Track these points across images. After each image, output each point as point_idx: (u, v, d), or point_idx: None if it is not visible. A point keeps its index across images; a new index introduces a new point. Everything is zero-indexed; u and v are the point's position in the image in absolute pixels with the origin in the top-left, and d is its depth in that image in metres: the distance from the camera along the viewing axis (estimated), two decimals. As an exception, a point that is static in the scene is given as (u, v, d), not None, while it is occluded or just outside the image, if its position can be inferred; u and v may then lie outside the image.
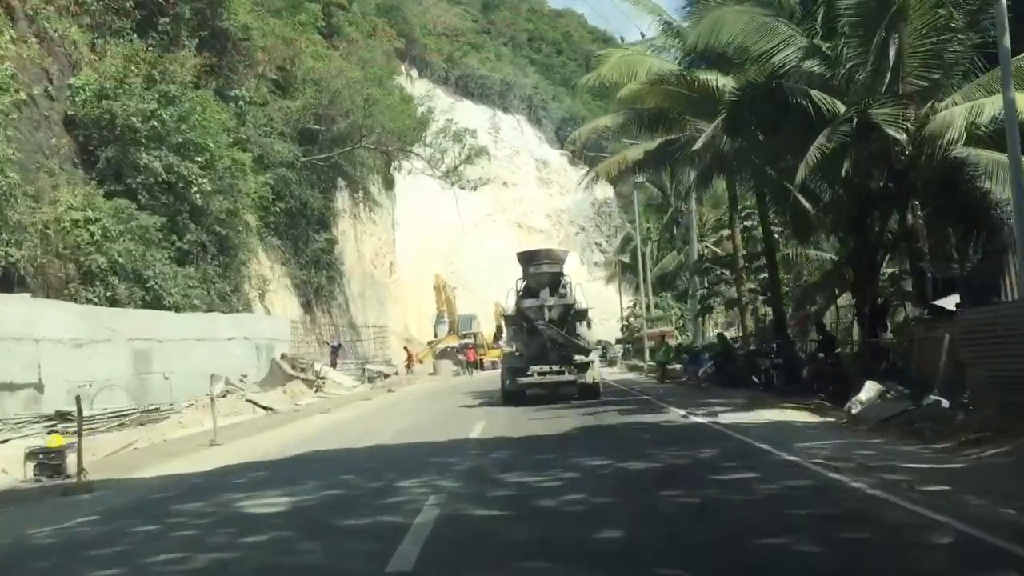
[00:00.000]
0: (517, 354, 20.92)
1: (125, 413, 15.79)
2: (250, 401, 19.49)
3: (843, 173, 13.52)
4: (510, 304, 21.92)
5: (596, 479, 8.48)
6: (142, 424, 15.02)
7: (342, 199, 43.91)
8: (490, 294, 60.75)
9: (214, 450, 12.19)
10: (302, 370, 24.61)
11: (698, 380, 24.36)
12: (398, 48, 59.05)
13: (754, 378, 20.11)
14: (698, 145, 14.25)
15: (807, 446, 9.92)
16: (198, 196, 24.02)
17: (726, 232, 34.90)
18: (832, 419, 12.66)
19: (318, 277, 37.57)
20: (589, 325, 22.19)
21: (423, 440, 12.33)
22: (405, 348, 41.23)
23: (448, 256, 76.24)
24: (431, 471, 9.24)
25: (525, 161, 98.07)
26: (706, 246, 37.69)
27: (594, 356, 20.61)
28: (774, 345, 21.25)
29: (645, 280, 46.56)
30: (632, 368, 39.21)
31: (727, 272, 31.60)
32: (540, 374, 19.38)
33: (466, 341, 45.53)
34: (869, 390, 12.39)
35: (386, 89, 41.01)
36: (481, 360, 45.92)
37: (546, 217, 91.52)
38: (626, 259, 56.17)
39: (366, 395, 24.94)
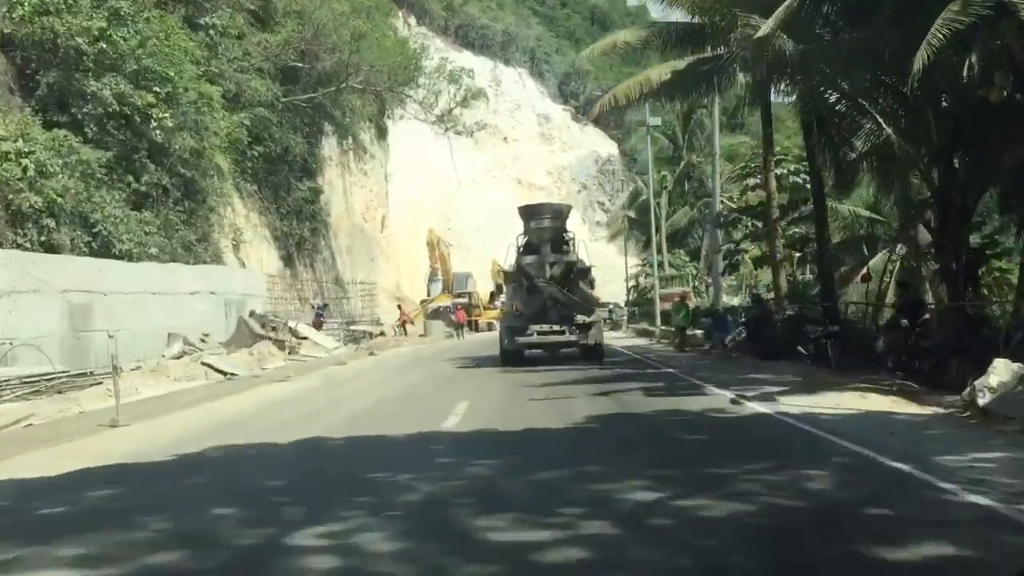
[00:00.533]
0: (517, 313, 19.75)
1: (48, 377, 13.25)
2: (206, 364, 16.98)
3: (964, 72, 10.03)
4: (510, 261, 20.73)
5: (650, 540, 4.70)
6: (60, 392, 12.48)
7: (329, 146, 41.03)
8: (488, 252, 58.13)
9: (109, 435, 9.36)
10: (273, 329, 22.06)
11: (725, 348, 21.57)
12: (393, -12, 55.34)
13: (800, 348, 17.14)
14: (763, 31, 10.69)
15: (957, 462, 6.65)
16: (158, 132, 21.29)
17: (751, 181, 32.13)
18: (940, 409, 9.57)
19: (300, 229, 34.90)
20: (592, 284, 20.88)
21: (378, 432, 9.10)
22: (399, 306, 38.58)
23: (444, 212, 73.43)
24: (359, 507, 5.55)
25: (526, 116, 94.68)
26: (722, 200, 34.80)
27: (597, 316, 19.72)
28: (821, 308, 18.26)
29: (658, 231, 43.40)
30: (642, 333, 36.49)
31: (757, 224, 28.89)
32: (540, 334, 18.69)
33: (459, 301, 42.95)
34: (1002, 372, 8.80)
35: (375, 23, 37.73)
36: (475, 321, 43.45)
37: (547, 174, 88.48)
38: (633, 214, 53.04)
39: (342, 359, 22.37)
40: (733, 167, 39.96)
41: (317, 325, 29.47)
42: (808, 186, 23.11)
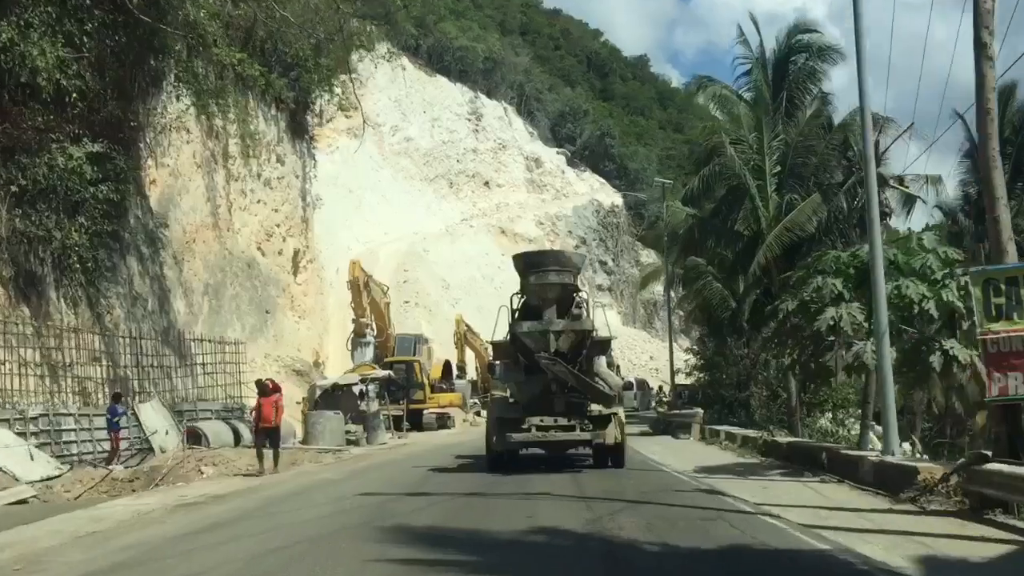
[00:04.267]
0: (511, 399, 15.57)
1: None
2: None
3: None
4: (500, 328, 15.33)
5: None
6: None
7: (176, 110, 24.03)
8: (461, 315, 41.17)
9: None
10: None
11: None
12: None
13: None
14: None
15: None
16: None
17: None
18: None
19: (68, 232, 17.56)
20: (613, 363, 19.02)
21: None
22: (267, 385, 18.66)
23: (406, 261, 56.24)
24: None
25: (512, 158, 78.90)
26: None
27: (618, 406, 15.17)
28: None
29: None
30: (731, 445, 18.94)
31: None
32: (540, 428, 14.14)
33: (376, 375, 24.81)
34: None
35: None
36: (419, 411, 26.00)
37: (537, 224, 72.05)
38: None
39: None
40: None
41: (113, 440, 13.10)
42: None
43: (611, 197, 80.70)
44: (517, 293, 15.61)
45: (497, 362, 16.28)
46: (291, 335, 33.72)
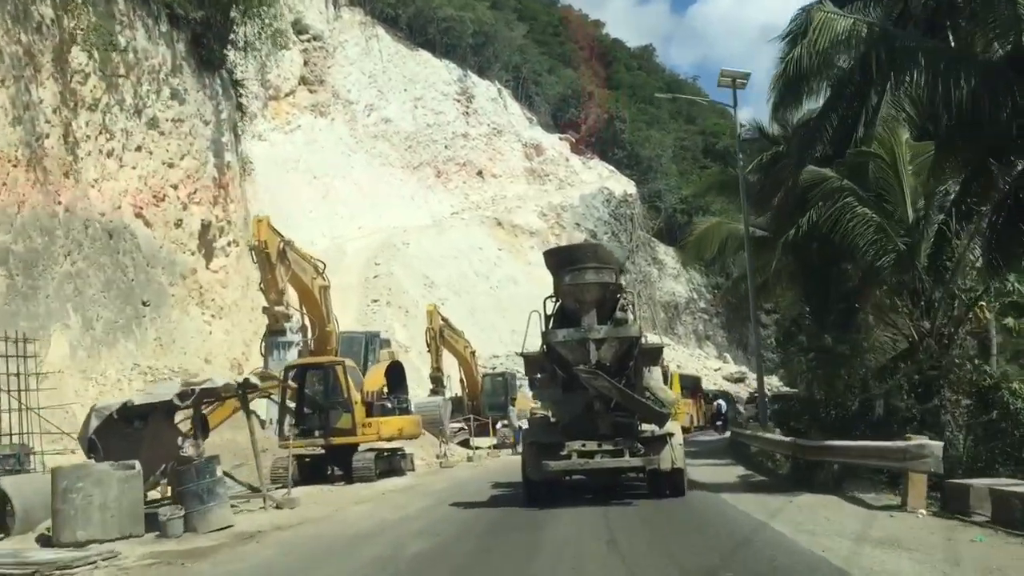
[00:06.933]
0: (552, 419, 14.00)
1: None
2: None
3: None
4: (533, 338, 13.41)
5: None
6: None
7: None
8: (435, 305, 31.42)
9: None
10: None
11: None
12: None
13: None
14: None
15: None
16: None
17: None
18: None
19: None
20: (666, 375, 17.84)
21: None
22: None
23: (378, 255, 46.25)
24: None
25: (509, 144, 69.31)
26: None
27: (674, 425, 12.75)
28: None
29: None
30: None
31: None
32: (583, 455, 12.04)
33: (261, 382, 14.38)
34: None
35: None
36: (348, 448, 15.91)
37: (540, 215, 62.16)
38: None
39: None
40: None
41: None
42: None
43: (623, 185, 70.91)
44: (551, 296, 13.79)
45: (532, 376, 14.48)
46: (193, 339, 23.93)
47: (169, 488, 10.44)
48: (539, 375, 13.78)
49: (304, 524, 10.42)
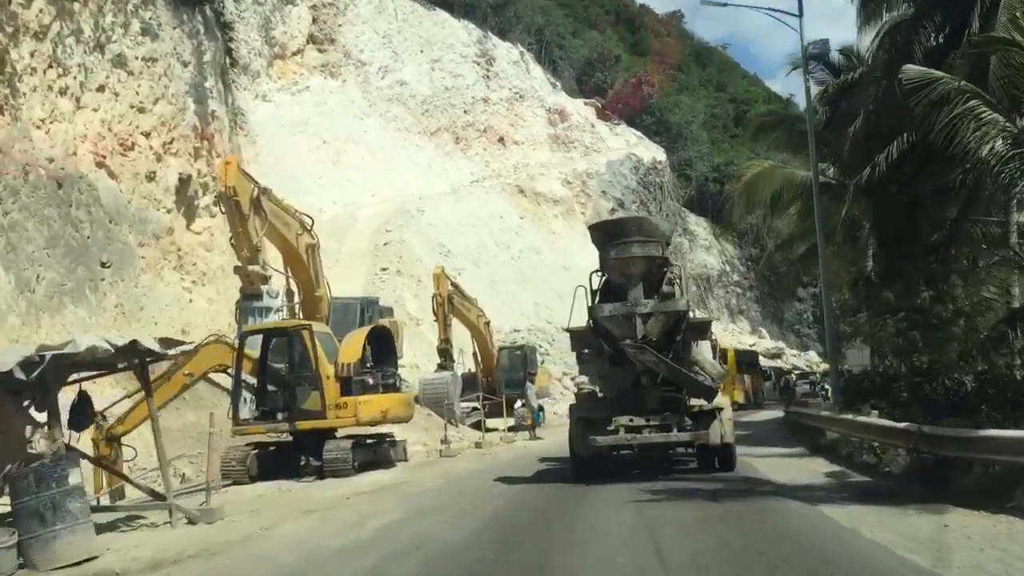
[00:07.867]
0: (600, 395, 14.54)
1: None
2: None
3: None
4: (579, 313, 13.26)
5: None
6: None
7: None
8: (442, 268, 28.40)
9: None
10: None
11: None
12: None
13: None
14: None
15: None
16: None
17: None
18: None
19: None
20: (715, 348, 18.71)
21: None
22: None
23: (390, 221, 43.17)
24: None
25: (531, 110, 65.77)
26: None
27: (723, 399, 12.97)
28: None
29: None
30: None
31: None
32: (630, 430, 12.25)
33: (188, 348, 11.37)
34: None
35: None
36: (320, 433, 12.90)
37: (564, 183, 58.71)
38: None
39: None
40: None
41: None
42: None
43: (652, 152, 67.13)
44: (597, 271, 13.68)
45: (578, 352, 14.17)
46: (168, 308, 21.10)
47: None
48: (586, 350, 13.73)
49: (198, 557, 7.31)
